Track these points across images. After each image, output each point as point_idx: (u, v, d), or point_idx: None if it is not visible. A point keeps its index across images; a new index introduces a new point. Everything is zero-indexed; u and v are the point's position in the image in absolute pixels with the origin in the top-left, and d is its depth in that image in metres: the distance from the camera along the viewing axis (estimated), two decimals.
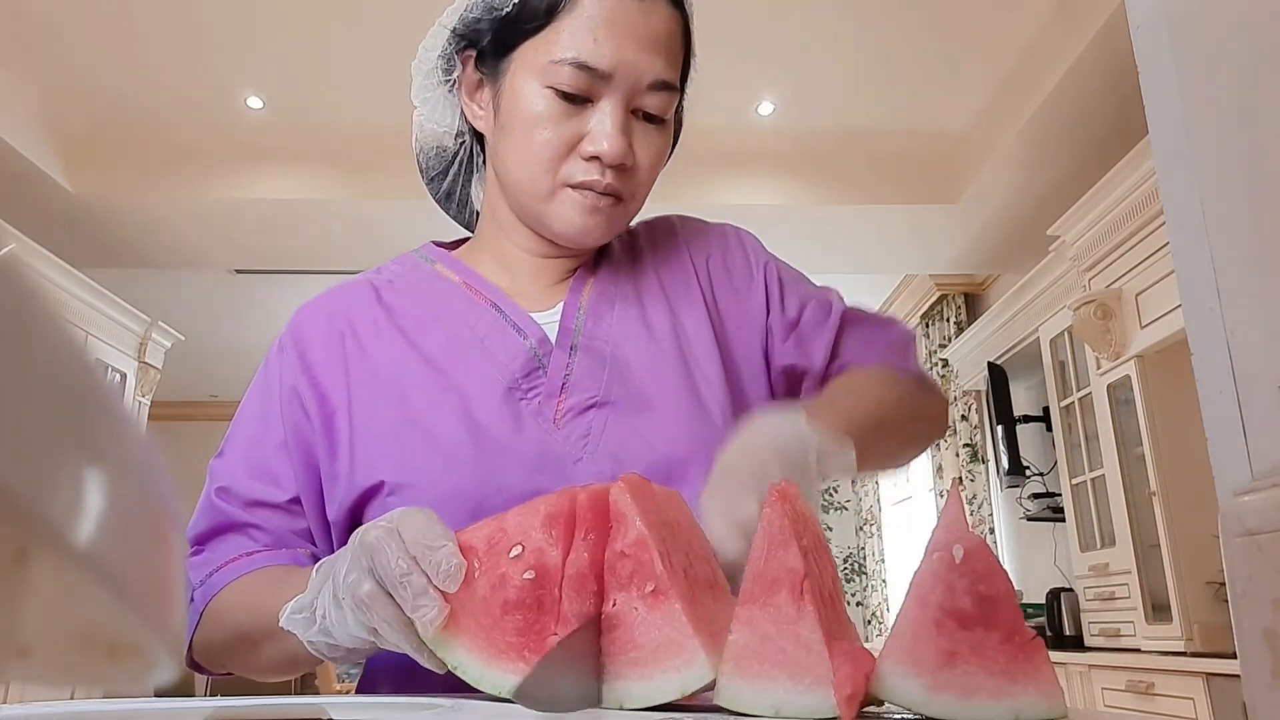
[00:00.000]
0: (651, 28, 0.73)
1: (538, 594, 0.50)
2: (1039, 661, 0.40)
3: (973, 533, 0.42)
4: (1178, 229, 0.47)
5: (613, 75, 0.71)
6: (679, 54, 0.77)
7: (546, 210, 0.76)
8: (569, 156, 0.74)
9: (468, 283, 0.82)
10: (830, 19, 3.28)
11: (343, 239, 4.27)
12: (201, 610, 0.72)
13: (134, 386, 4.66)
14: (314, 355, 0.79)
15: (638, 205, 0.79)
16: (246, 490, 0.76)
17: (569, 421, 0.74)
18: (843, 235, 4.34)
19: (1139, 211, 3.02)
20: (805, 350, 0.83)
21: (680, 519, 0.54)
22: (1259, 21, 0.43)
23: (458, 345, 0.77)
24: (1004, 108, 3.63)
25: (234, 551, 0.74)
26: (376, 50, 3.39)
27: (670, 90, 0.75)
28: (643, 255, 0.87)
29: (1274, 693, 0.39)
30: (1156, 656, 2.88)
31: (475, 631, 0.50)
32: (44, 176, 3.73)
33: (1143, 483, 3.09)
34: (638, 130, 0.75)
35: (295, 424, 0.77)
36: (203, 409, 7.64)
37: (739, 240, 0.90)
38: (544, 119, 0.72)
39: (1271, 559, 0.39)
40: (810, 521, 0.49)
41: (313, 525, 0.77)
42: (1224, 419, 0.43)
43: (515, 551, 0.52)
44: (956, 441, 4.85)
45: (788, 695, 0.42)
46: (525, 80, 0.73)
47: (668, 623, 0.47)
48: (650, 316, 0.81)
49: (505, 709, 0.49)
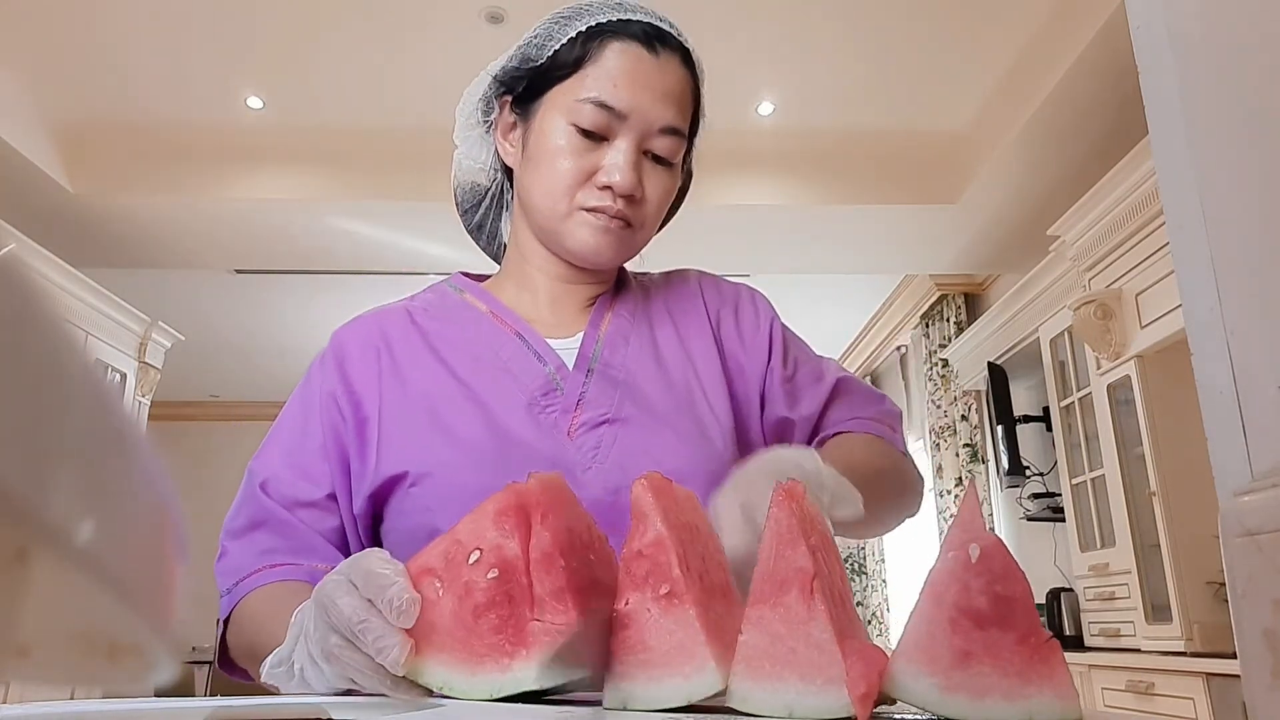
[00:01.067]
0: (665, 81, 0.82)
1: (506, 589, 0.50)
2: (1054, 663, 0.39)
3: (990, 532, 0.42)
4: (1178, 229, 0.47)
5: (628, 116, 0.81)
6: (688, 108, 0.86)
7: (563, 230, 0.84)
8: (585, 185, 0.82)
9: (494, 311, 0.89)
10: (830, 19, 3.28)
11: (342, 239, 4.27)
12: (227, 617, 0.78)
13: (134, 386, 4.67)
14: (351, 366, 0.85)
15: (646, 235, 0.87)
16: (288, 488, 0.81)
17: (582, 435, 0.80)
18: (843, 235, 4.34)
19: (1139, 211, 3.02)
20: (796, 403, 0.90)
21: (699, 522, 0.54)
22: (1259, 21, 0.43)
23: (483, 366, 0.84)
24: (1004, 108, 3.63)
25: (259, 559, 0.78)
26: (376, 51, 3.39)
27: (678, 135, 0.84)
28: (658, 298, 0.95)
29: (1274, 693, 0.39)
30: (1156, 656, 2.88)
31: (453, 647, 0.50)
32: (44, 176, 3.73)
33: (1143, 483, 3.09)
34: (648, 168, 0.83)
35: (333, 427, 0.83)
36: (203, 409, 7.64)
37: (750, 297, 0.98)
38: (565, 151, 0.82)
39: (1271, 559, 0.39)
40: (818, 520, 0.49)
41: (346, 523, 0.82)
42: (1224, 419, 0.43)
43: (474, 557, 0.51)
44: (956, 441, 4.85)
45: (800, 696, 0.42)
46: (552, 118, 0.83)
47: (680, 627, 0.46)
48: (663, 350, 0.89)
49: (503, 709, 0.49)
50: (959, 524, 0.42)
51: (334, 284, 5.07)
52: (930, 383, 5.11)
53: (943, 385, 5.02)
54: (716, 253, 4.44)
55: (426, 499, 0.77)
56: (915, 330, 5.45)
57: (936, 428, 5.03)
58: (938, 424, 5.02)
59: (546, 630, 0.49)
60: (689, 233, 3.95)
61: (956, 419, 4.87)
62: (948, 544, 0.42)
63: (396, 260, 4.46)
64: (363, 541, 0.82)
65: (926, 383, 5.15)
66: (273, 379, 6.83)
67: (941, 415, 5.00)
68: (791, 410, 0.89)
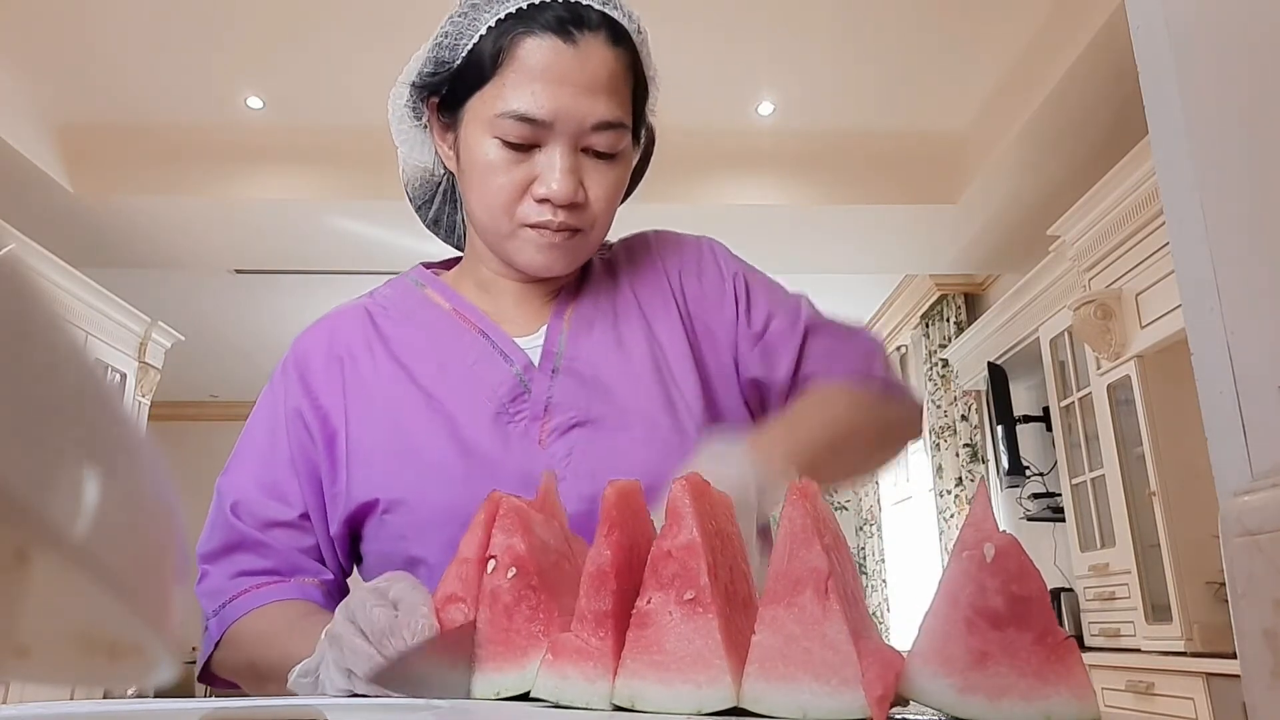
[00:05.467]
0: (589, 73, 0.75)
1: (528, 582, 0.53)
2: (1072, 663, 0.39)
3: (1004, 531, 0.41)
4: (1178, 229, 0.47)
5: (553, 123, 0.75)
6: (624, 91, 0.79)
7: (508, 248, 0.81)
8: (523, 199, 0.78)
9: (457, 309, 0.86)
10: (830, 19, 3.28)
11: (342, 239, 4.27)
12: (216, 640, 0.77)
13: (134, 386, 4.66)
14: (315, 379, 0.83)
15: (599, 234, 0.83)
16: (259, 509, 0.80)
17: (553, 442, 0.78)
18: (843, 235, 4.34)
19: (1139, 211, 3.02)
20: (770, 363, 0.87)
21: (731, 531, 0.53)
22: (1259, 21, 0.43)
23: (448, 373, 0.82)
24: (1004, 108, 3.63)
25: (241, 580, 0.78)
26: (376, 50, 3.39)
27: (615, 128, 0.78)
28: (621, 274, 0.91)
29: (1274, 692, 0.39)
30: (1156, 656, 2.88)
31: (500, 652, 0.52)
32: (44, 176, 3.73)
33: (1143, 483, 3.09)
34: (589, 167, 0.78)
35: (300, 444, 0.81)
36: (203, 409, 7.64)
37: (711, 251, 0.94)
38: (495, 167, 0.77)
39: (1271, 559, 0.39)
40: (830, 520, 0.48)
41: (321, 542, 0.81)
42: (1224, 419, 0.43)
43: (491, 565, 0.54)
44: (956, 441, 4.85)
45: (814, 697, 0.41)
46: (476, 132, 0.78)
47: (700, 636, 0.45)
48: (626, 337, 0.85)
49: (503, 708, 0.49)
50: (971, 523, 0.42)
51: (334, 284, 5.07)
52: (930, 383, 5.11)
53: (943, 385, 5.02)
54: None
55: (401, 527, 0.77)
56: (915, 330, 5.45)
57: (936, 428, 5.03)
58: (938, 424, 5.02)
59: (579, 649, 0.48)
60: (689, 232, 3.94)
61: (956, 419, 4.87)
62: (961, 544, 0.41)
63: (396, 260, 4.46)
64: (341, 563, 0.82)
65: (926, 383, 5.15)
66: None
67: (941, 415, 5.00)
68: (767, 373, 0.86)
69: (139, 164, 3.91)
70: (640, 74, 0.82)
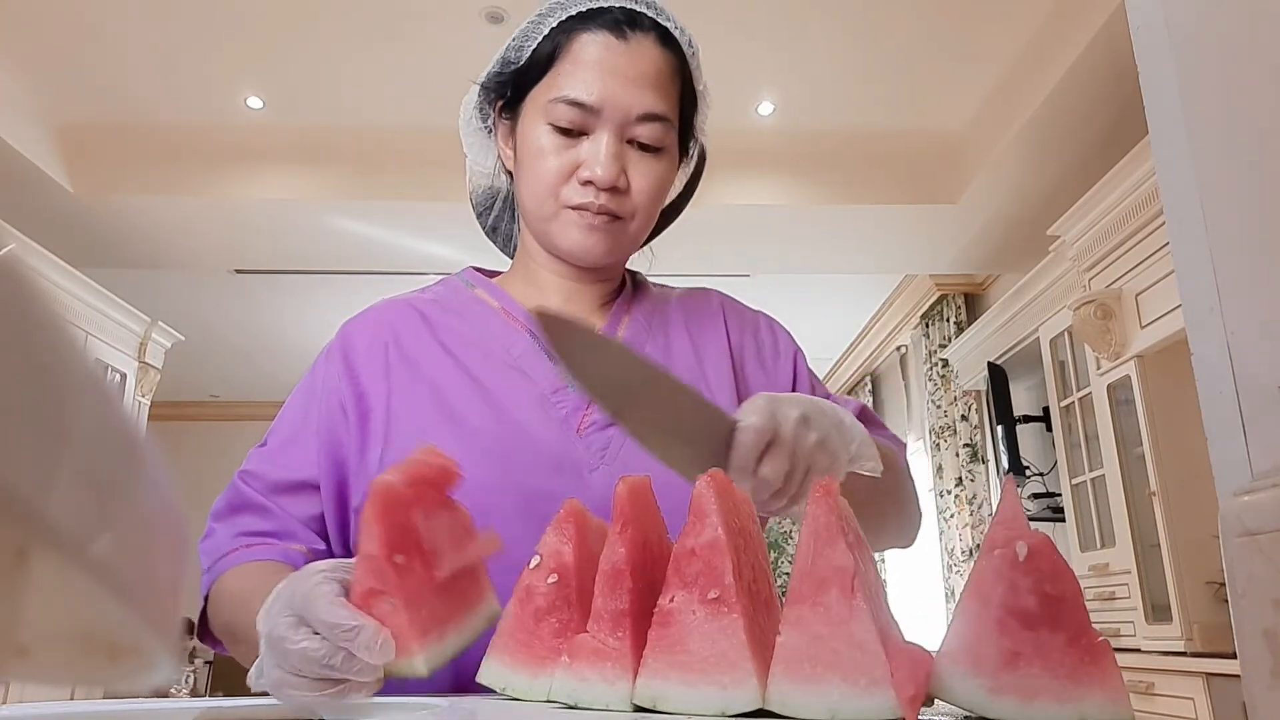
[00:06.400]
0: (638, 67, 0.81)
1: (564, 594, 0.52)
2: (1106, 665, 0.38)
3: (1035, 530, 0.40)
4: (1178, 229, 0.47)
5: (601, 109, 0.80)
6: (671, 89, 0.84)
7: (551, 230, 0.84)
8: (568, 182, 0.82)
9: (505, 308, 0.89)
10: (831, 19, 3.28)
11: (342, 239, 4.27)
12: (205, 595, 0.78)
13: (134, 386, 4.66)
14: (358, 359, 0.85)
15: (639, 227, 0.86)
16: (268, 470, 0.82)
17: (591, 434, 0.81)
18: (843, 235, 4.34)
19: (1139, 211, 3.02)
20: None
21: (753, 530, 0.52)
22: (1259, 22, 0.43)
23: (494, 363, 0.84)
24: (1004, 108, 3.63)
25: (239, 540, 0.79)
26: (376, 51, 3.39)
27: (660, 121, 0.82)
28: (678, 310, 0.95)
29: (1274, 692, 0.39)
30: (1156, 656, 2.88)
31: (515, 650, 0.51)
32: (44, 176, 3.73)
33: (1143, 483, 3.09)
34: (634, 158, 0.82)
35: (329, 417, 0.83)
36: (203, 409, 7.64)
37: (770, 326, 0.99)
38: (546, 151, 0.82)
39: (1271, 559, 0.39)
40: (852, 519, 0.47)
41: (328, 516, 0.82)
42: (1224, 419, 0.43)
43: (535, 561, 0.53)
44: (956, 441, 4.84)
45: (843, 698, 0.40)
46: (532, 120, 0.83)
47: (725, 636, 0.44)
48: (678, 360, 0.89)
49: (503, 707, 0.49)
50: (1001, 521, 0.41)
51: (334, 284, 5.07)
52: (930, 383, 5.11)
53: (943, 385, 5.01)
54: (716, 253, 4.44)
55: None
56: (915, 330, 5.44)
57: (936, 428, 5.03)
58: (938, 424, 5.02)
59: (597, 650, 0.48)
60: (689, 233, 3.95)
61: (956, 419, 4.87)
62: (990, 542, 0.41)
63: (396, 260, 4.46)
64: (348, 543, 0.82)
65: (926, 383, 5.15)
66: (273, 379, 6.83)
67: (941, 415, 5.00)
68: None
69: (139, 164, 3.91)
70: (689, 84, 0.87)
